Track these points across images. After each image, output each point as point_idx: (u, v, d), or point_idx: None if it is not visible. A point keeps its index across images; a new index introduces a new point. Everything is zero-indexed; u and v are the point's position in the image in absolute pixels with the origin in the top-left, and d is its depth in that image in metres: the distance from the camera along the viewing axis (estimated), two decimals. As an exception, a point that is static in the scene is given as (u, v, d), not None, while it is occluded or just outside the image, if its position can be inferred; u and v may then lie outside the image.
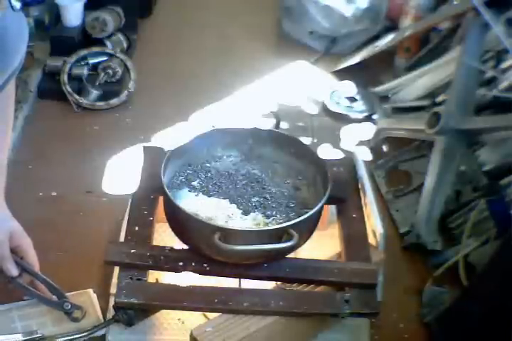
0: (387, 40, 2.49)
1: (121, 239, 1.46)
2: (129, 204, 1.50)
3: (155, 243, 1.44)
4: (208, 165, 1.52)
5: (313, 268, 1.37)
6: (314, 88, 2.50)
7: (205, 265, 1.35)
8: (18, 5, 0.85)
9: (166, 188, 1.34)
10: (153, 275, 1.39)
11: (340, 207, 1.53)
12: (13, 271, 1.35)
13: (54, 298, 1.44)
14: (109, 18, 2.37)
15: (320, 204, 1.34)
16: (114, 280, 1.41)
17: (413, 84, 2.25)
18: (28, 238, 1.37)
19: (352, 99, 2.39)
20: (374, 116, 2.31)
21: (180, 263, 1.35)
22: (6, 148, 1.27)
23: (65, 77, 2.25)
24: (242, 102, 2.40)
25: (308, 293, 1.37)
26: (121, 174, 1.97)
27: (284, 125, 2.25)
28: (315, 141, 2.22)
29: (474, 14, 1.98)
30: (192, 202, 1.41)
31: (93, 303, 1.53)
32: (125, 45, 2.48)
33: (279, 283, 1.40)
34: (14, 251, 1.37)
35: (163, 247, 1.38)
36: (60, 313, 1.44)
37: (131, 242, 1.39)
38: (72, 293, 1.55)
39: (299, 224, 1.29)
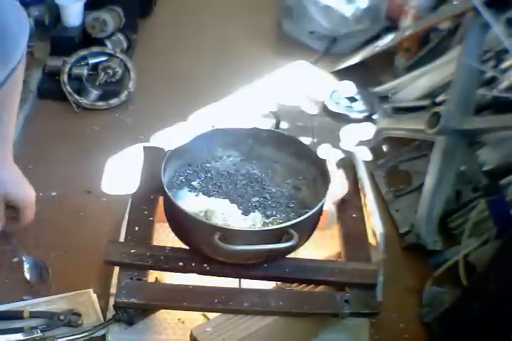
0: (387, 40, 2.49)
1: (121, 239, 1.46)
2: (129, 204, 1.50)
3: (155, 243, 1.44)
4: (208, 165, 1.53)
5: (313, 268, 1.38)
6: (314, 88, 2.50)
7: (205, 265, 1.35)
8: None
9: (166, 188, 1.34)
10: (153, 275, 1.39)
11: (340, 207, 1.53)
12: None
13: None
14: (109, 18, 2.37)
15: (320, 204, 1.34)
16: (114, 280, 1.41)
17: (413, 84, 2.26)
18: (25, 198, 1.28)
19: (352, 99, 2.39)
20: (374, 116, 2.31)
21: (180, 263, 1.35)
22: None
23: (65, 77, 2.25)
24: (242, 102, 2.40)
25: (308, 293, 1.37)
26: (121, 174, 1.97)
27: (284, 125, 2.25)
28: (315, 141, 2.22)
29: (474, 14, 1.98)
30: (192, 202, 1.41)
31: (93, 303, 1.53)
32: (125, 45, 2.48)
33: (279, 283, 1.40)
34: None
35: (163, 247, 1.38)
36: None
37: (131, 242, 1.39)
38: (72, 293, 1.55)
39: (299, 224, 1.29)
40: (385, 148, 2.18)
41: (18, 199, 1.19)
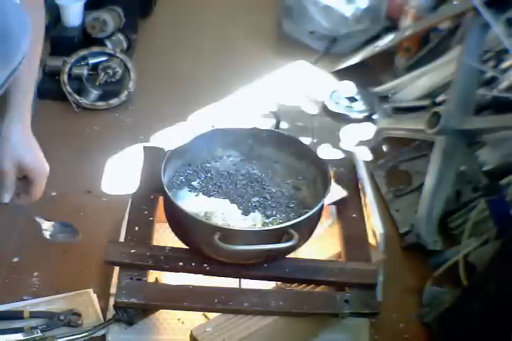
0: (387, 40, 2.49)
1: (121, 239, 1.46)
2: (129, 204, 1.50)
3: (155, 243, 1.44)
4: (208, 165, 1.53)
5: (313, 268, 1.37)
6: (314, 88, 2.50)
7: (205, 265, 1.35)
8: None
9: (166, 188, 1.34)
10: (153, 275, 1.39)
11: (340, 207, 1.53)
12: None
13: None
14: (109, 18, 2.37)
15: (320, 204, 1.34)
16: (114, 280, 1.41)
17: (413, 84, 2.26)
18: (40, 169, 1.22)
19: (352, 99, 2.39)
20: (374, 116, 2.31)
21: (180, 263, 1.35)
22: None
23: (65, 77, 2.25)
24: (242, 102, 2.40)
25: (308, 293, 1.37)
26: (121, 174, 1.97)
27: (284, 125, 2.25)
28: (315, 141, 2.22)
29: (474, 14, 1.98)
30: (192, 202, 1.41)
31: (93, 303, 1.53)
32: (125, 45, 2.48)
33: (279, 283, 1.40)
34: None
35: (163, 247, 1.38)
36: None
37: (131, 242, 1.39)
38: (72, 293, 1.55)
39: (299, 224, 1.29)
40: (385, 148, 2.18)
41: (34, 169, 1.16)
